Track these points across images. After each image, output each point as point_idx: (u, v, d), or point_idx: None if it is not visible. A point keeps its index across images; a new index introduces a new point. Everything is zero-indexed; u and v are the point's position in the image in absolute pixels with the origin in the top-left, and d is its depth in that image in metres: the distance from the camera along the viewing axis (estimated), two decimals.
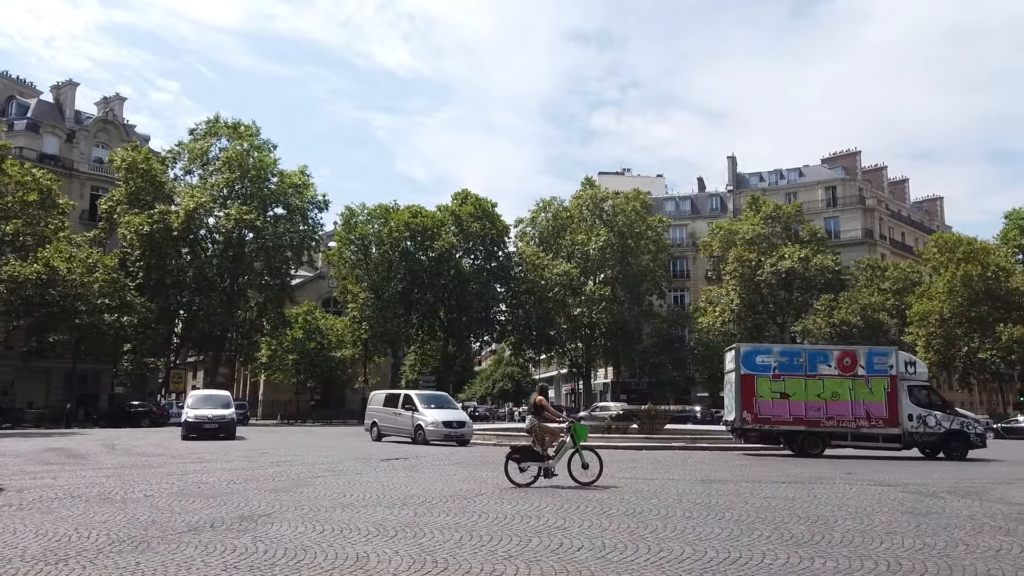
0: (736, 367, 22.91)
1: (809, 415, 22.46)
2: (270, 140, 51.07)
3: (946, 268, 48.63)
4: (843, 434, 22.56)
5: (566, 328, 58.23)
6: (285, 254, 49.33)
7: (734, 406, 22.98)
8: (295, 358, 56.60)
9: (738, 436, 23.30)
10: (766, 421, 22.54)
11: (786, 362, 22.91)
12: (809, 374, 22.69)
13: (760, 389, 22.65)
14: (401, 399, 26.72)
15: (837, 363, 22.70)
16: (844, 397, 22.42)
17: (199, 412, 27.55)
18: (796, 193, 69.64)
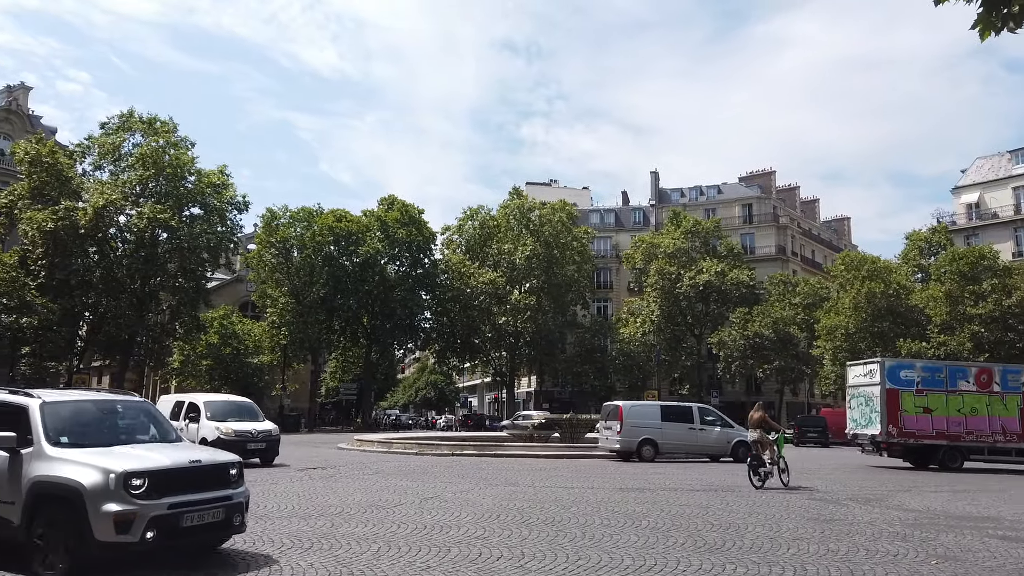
0: (881, 381, 23.08)
1: (950, 430, 23.00)
2: (188, 137, 49.03)
3: (852, 285, 51.11)
4: (980, 448, 23.24)
5: (491, 336, 58.29)
6: (201, 256, 47.47)
7: (878, 420, 22.98)
8: (209, 364, 54.55)
9: (881, 450, 23.46)
10: (911, 435, 22.85)
11: (928, 377, 23.42)
12: (950, 389, 23.28)
13: (904, 403, 22.96)
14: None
15: (975, 379, 23.53)
16: (982, 412, 23.15)
17: (239, 426, 19.43)
18: (715, 209, 71.99)
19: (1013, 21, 4.38)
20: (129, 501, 6.37)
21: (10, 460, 6.89)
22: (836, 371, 51.31)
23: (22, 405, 7.26)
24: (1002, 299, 44.45)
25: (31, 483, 6.62)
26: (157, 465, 6.80)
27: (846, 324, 49.64)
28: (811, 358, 53.79)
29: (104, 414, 7.94)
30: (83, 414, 7.67)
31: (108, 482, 6.37)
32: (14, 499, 6.73)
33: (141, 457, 6.99)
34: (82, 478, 6.40)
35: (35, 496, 6.60)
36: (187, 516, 6.69)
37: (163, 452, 7.35)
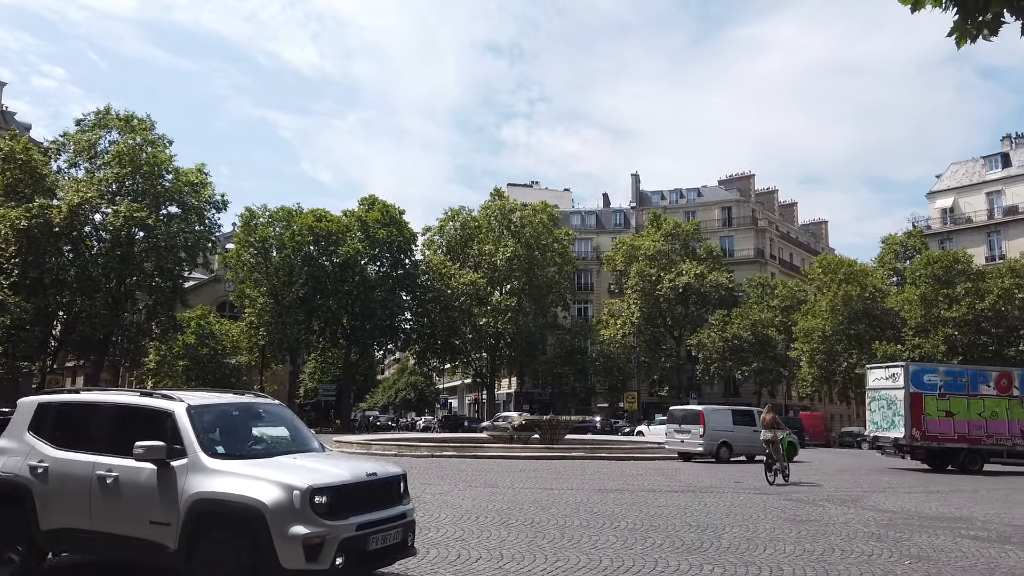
0: (905, 385, 23.38)
1: (971, 433, 23.39)
2: (166, 135, 48.41)
3: (829, 288, 51.72)
4: (1000, 451, 23.79)
5: (471, 338, 58.17)
6: (178, 255, 46.90)
7: (902, 423, 23.27)
8: (186, 364, 53.96)
9: (904, 453, 23.75)
10: (933, 439, 23.14)
11: (950, 381, 23.80)
12: (971, 394, 23.70)
13: (928, 407, 23.27)
14: None
15: (995, 383, 23.99)
16: (1002, 416, 23.63)
17: None
18: (695, 212, 72.43)
19: (988, 29, 4.44)
20: (317, 522, 5.45)
21: (159, 474, 5.88)
22: (813, 373, 51.90)
23: (166, 410, 6.27)
24: (975, 303, 45.18)
25: (192, 501, 5.63)
26: (338, 479, 5.85)
27: (823, 326, 50.20)
28: (789, 360, 54.33)
29: (250, 419, 7.06)
30: (230, 419, 6.80)
31: (292, 500, 5.43)
32: (168, 519, 5.73)
33: (317, 470, 6.00)
34: (261, 495, 5.46)
35: (198, 516, 5.63)
36: (373, 538, 5.84)
37: (333, 463, 6.46)
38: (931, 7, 4.48)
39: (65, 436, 6.59)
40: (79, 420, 6.74)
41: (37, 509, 6.33)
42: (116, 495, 6.04)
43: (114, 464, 6.11)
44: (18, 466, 6.52)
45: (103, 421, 6.53)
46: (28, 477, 6.42)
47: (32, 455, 6.53)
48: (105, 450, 6.24)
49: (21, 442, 6.71)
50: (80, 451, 6.38)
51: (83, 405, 6.90)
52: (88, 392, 7.16)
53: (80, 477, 6.21)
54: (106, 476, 6.07)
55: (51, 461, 6.41)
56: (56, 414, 6.81)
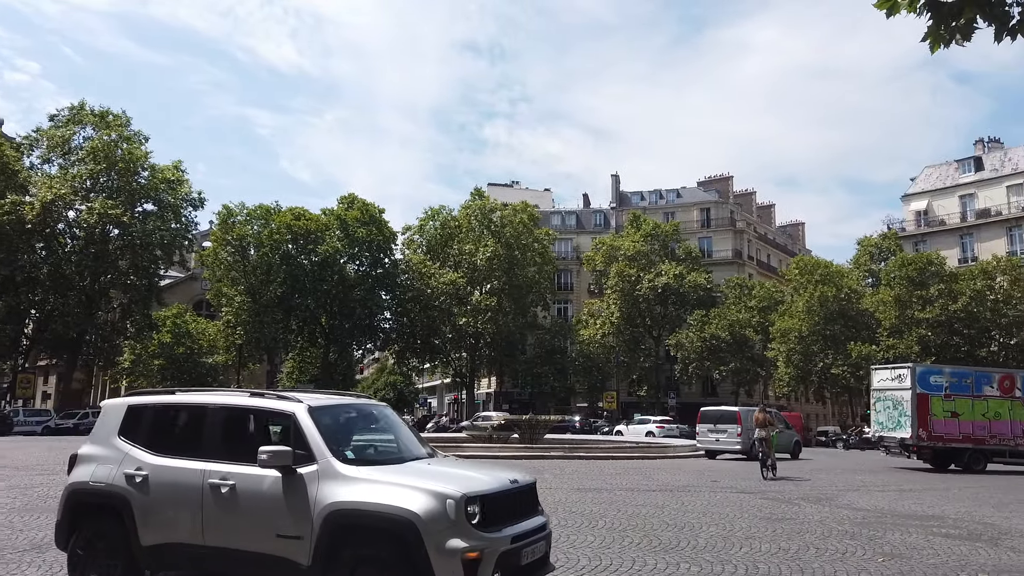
0: (911, 386, 23.80)
1: (976, 433, 23.89)
2: (141, 131, 47.96)
3: (805, 289, 52.30)
4: (1003, 451, 24.30)
5: (451, 337, 58.04)
6: (154, 253, 46.39)
7: (909, 424, 23.67)
8: (162, 363, 53.35)
9: (911, 453, 24.15)
10: (939, 439, 23.60)
11: (956, 383, 24.28)
12: (976, 395, 24.18)
13: (934, 408, 23.71)
14: None
15: (999, 385, 24.55)
16: (1004, 417, 24.18)
17: None
18: (674, 213, 72.86)
19: (961, 34, 4.50)
20: (474, 535, 4.95)
21: (285, 482, 5.30)
22: (790, 373, 52.41)
23: (285, 411, 5.70)
24: (948, 304, 45.89)
25: (328, 512, 5.07)
26: (487, 487, 5.32)
27: (799, 327, 50.72)
28: (766, 360, 54.83)
29: (362, 421, 6.46)
30: (348, 421, 6.22)
31: (447, 509, 4.92)
32: (299, 532, 5.15)
33: (462, 477, 5.51)
34: (411, 504, 4.92)
35: (335, 529, 5.06)
36: (525, 551, 5.32)
37: (471, 469, 6.04)
38: (906, 12, 4.53)
39: (164, 441, 6.00)
40: (180, 423, 6.21)
41: (136, 522, 5.69)
42: (234, 506, 5.43)
43: (229, 471, 5.49)
44: (111, 475, 5.89)
45: (211, 424, 5.90)
46: (124, 487, 5.79)
47: (126, 462, 5.90)
48: (214, 456, 5.66)
49: (111, 448, 6.07)
50: (185, 457, 5.76)
51: (184, 408, 6.31)
52: (184, 393, 6.55)
53: (188, 486, 5.59)
54: (220, 485, 5.45)
55: (150, 469, 5.78)
56: (152, 417, 6.22)
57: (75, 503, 6.02)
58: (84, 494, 6.01)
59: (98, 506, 5.94)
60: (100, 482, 5.92)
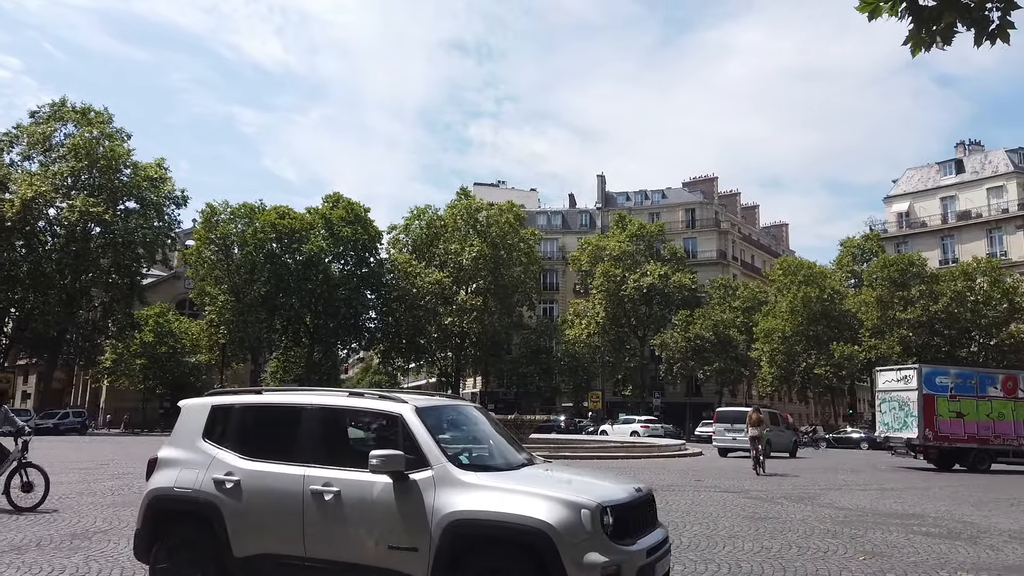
0: (918, 387, 24.17)
1: (980, 433, 24.34)
2: (124, 128, 47.57)
3: (788, 289, 52.74)
4: (1006, 451, 24.71)
5: (436, 337, 57.99)
6: (136, 251, 46.00)
7: (915, 424, 24.04)
8: (144, 363, 52.88)
9: (917, 453, 24.57)
10: (945, 439, 24.02)
11: (961, 383, 24.69)
12: (980, 395, 24.64)
13: (939, 409, 24.12)
14: None
15: (1002, 386, 25.06)
16: (1008, 417, 24.65)
17: None
18: (659, 213, 73.21)
19: (941, 38, 4.54)
20: (611, 548, 4.59)
21: (398, 489, 4.91)
22: (773, 372, 52.81)
23: (391, 412, 5.31)
24: (929, 305, 46.40)
25: (448, 521, 4.69)
26: (617, 496, 4.95)
27: (783, 327, 51.09)
28: (749, 360, 55.21)
29: (464, 423, 6.03)
30: (451, 424, 5.81)
31: (582, 520, 4.55)
32: (415, 544, 4.78)
33: (588, 485, 5.15)
34: (543, 514, 4.54)
35: (458, 540, 4.67)
36: (658, 565, 4.98)
37: (593, 476, 5.66)
38: (887, 15, 4.56)
39: (255, 444, 5.58)
40: (273, 425, 5.76)
41: (228, 532, 5.28)
42: (339, 515, 5.03)
43: (332, 477, 5.10)
44: (198, 480, 5.48)
45: (307, 426, 5.46)
46: (213, 493, 5.38)
47: (214, 467, 5.49)
48: (313, 460, 5.26)
49: (196, 451, 5.67)
50: (279, 462, 5.35)
51: (277, 408, 5.88)
52: (273, 392, 6.15)
53: (286, 493, 5.18)
54: (323, 492, 5.06)
55: (243, 474, 5.37)
56: (239, 418, 5.82)
57: (158, 510, 5.60)
58: (168, 501, 5.58)
59: (184, 513, 5.54)
60: (186, 488, 5.51)
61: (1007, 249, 56.11)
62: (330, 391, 5.94)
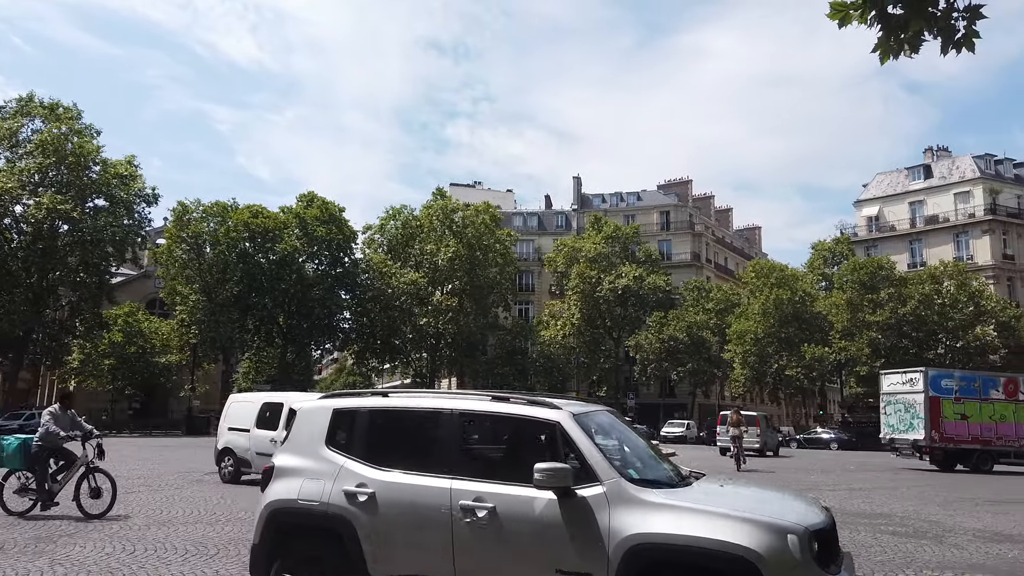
0: (924, 389, 24.87)
1: (984, 435, 25.02)
2: (93, 125, 46.68)
3: (761, 292, 53.34)
4: (1007, 452, 25.50)
5: (411, 337, 57.77)
6: (105, 249, 45.20)
7: (921, 426, 24.75)
8: (112, 363, 51.93)
9: (923, 454, 25.17)
10: (950, 440, 24.73)
11: (965, 386, 25.44)
12: (983, 398, 25.35)
13: (945, 411, 24.79)
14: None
15: (1003, 388, 25.83)
16: (1009, 419, 25.40)
17: None
18: (634, 215, 73.67)
19: (909, 46, 4.63)
20: None
21: (564, 506, 4.44)
22: (745, 374, 53.35)
23: (547, 420, 4.82)
24: (898, 307, 47.20)
25: (631, 545, 4.21)
26: (818, 519, 4.49)
27: (755, 329, 51.63)
28: (722, 361, 55.72)
29: (615, 430, 5.48)
30: (604, 431, 5.22)
31: (790, 547, 4.06)
32: (590, 568, 4.32)
33: (782, 505, 4.70)
34: (745, 539, 4.05)
35: (645, 566, 4.21)
36: None
37: (771, 492, 5.13)
38: (857, 23, 4.64)
39: (387, 452, 5.13)
40: (406, 431, 5.36)
41: (364, 550, 4.82)
42: (495, 533, 4.58)
43: (484, 491, 4.66)
44: (325, 491, 5.03)
45: (448, 434, 5.00)
46: (344, 506, 4.94)
47: (344, 477, 5.04)
48: (456, 472, 4.81)
49: (320, 460, 5.21)
50: (418, 472, 4.91)
51: (411, 413, 5.38)
52: (400, 395, 5.61)
53: (431, 508, 4.74)
54: (475, 508, 4.61)
55: (377, 485, 4.92)
56: (366, 423, 5.33)
57: (279, 524, 5.13)
58: (292, 514, 5.11)
59: (311, 528, 5.08)
60: (311, 500, 5.04)
61: (973, 253, 57.35)
62: (468, 395, 5.48)
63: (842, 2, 4.59)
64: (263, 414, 15.40)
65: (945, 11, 4.54)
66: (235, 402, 17.32)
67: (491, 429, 5.35)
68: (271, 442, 14.02)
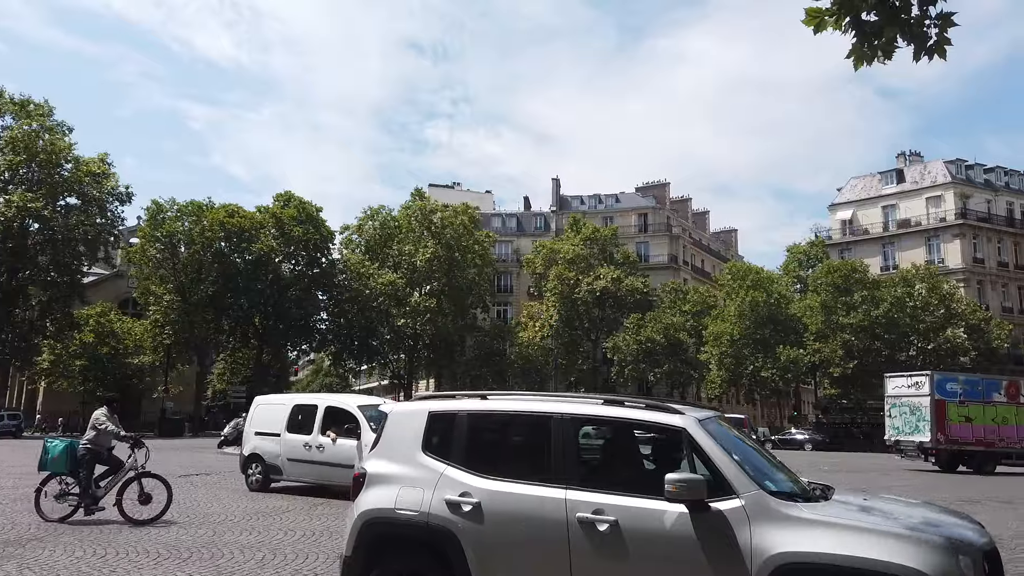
0: (930, 392, 25.40)
1: (987, 437, 25.66)
2: (65, 122, 46.01)
3: (737, 294, 53.84)
4: (1009, 453, 26.15)
5: (389, 339, 57.50)
6: (77, 248, 44.57)
7: (927, 428, 25.27)
8: (83, 363, 51.13)
9: (929, 455, 25.61)
10: (955, 442, 25.29)
11: (969, 389, 26.07)
12: (986, 400, 25.98)
13: (950, 413, 25.35)
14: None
15: (1005, 391, 26.57)
16: (1011, 421, 26.10)
17: None
18: (613, 217, 73.98)
19: (883, 52, 4.70)
20: None
21: (697, 521, 4.10)
22: (721, 375, 53.81)
23: (671, 425, 4.48)
24: (871, 310, 47.88)
25: (779, 564, 3.90)
26: (983, 538, 4.17)
27: (731, 331, 52.10)
28: (699, 363, 56.14)
29: (739, 438, 5.02)
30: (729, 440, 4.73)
31: (962, 568, 3.75)
32: None
33: (945, 522, 4.29)
34: (913, 560, 3.69)
35: None
36: None
37: (926, 511, 4.59)
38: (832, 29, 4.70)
39: (490, 459, 4.86)
40: (512, 437, 5.08)
41: (470, 565, 4.52)
42: (620, 549, 4.23)
43: (605, 503, 4.31)
44: (425, 501, 4.74)
45: (559, 440, 4.64)
46: (447, 517, 4.64)
47: (445, 485, 4.75)
48: (571, 481, 4.49)
49: (417, 467, 4.92)
50: (526, 481, 4.59)
51: (516, 418, 5.04)
52: (499, 398, 5.25)
53: (545, 521, 4.40)
54: (595, 521, 4.27)
55: (483, 495, 4.62)
56: (466, 428, 5.00)
57: (375, 536, 4.84)
58: (389, 525, 4.82)
59: (410, 540, 4.78)
60: (410, 510, 4.75)
61: (944, 256, 58.34)
62: (576, 398, 5.10)
63: (817, 8, 4.65)
64: (295, 417, 14.52)
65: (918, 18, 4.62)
66: (262, 404, 15.97)
67: (607, 435, 5.05)
68: (305, 447, 13.69)
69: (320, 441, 13.57)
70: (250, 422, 15.57)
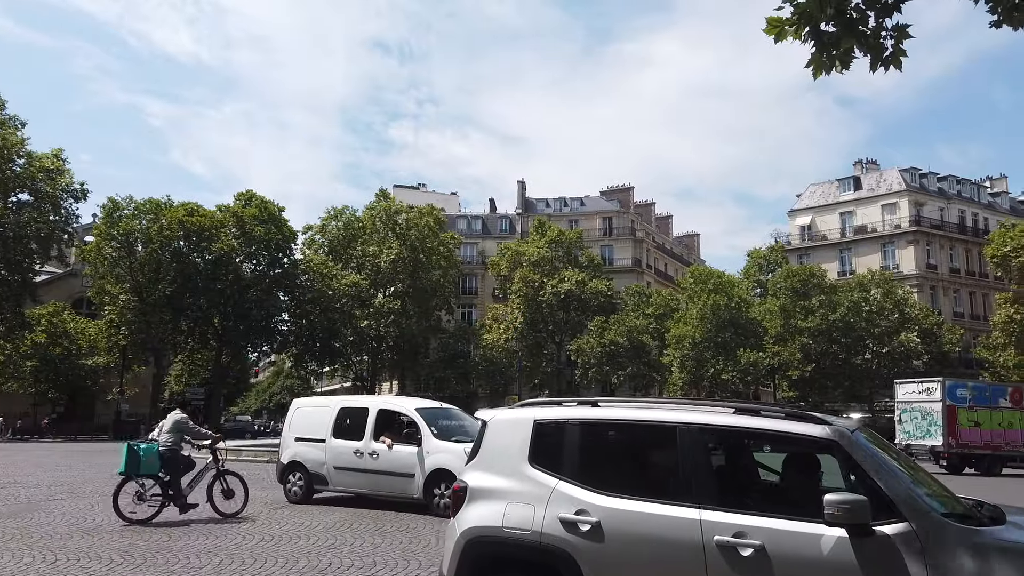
0: (942, 398, 26.45)
1: (994, 441, 26.82)
2: (18, 116, 44.69)
3: (699, 297, 54.50)
4: (1013, 457, 27.19)
5: (352, 340, 56.97)
6: (29, 246, 43.37)
7: (939, 433, 26.32)
8: (34, 364, 49.70)
9: (939, 459, 26.38)
10: (965, 446, 26.37)
11: (977, 395, 27.27)
12: (993, 406, 27.16)
13: (960, 418, 26.41)
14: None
15: (1010, 397, 27.78)
16: (1016, 426, 27.26)
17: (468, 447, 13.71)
18: (578, 221, 74.40)
19: (840, 62, 4.82)
20: None
21: (859, 547, 3.63)
22: (683, 378, 54.41)
23: (822, 439, 3.96)
24: (828, 314, 48.88)
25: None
26: None
27: (693, 334, 52.73)
28: (661, 365, 56.70)
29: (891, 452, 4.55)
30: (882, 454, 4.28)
31: None
32: None
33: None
34: None
35: None
36: None
37: None
38: (792, 39, 4.79)
39: (607, 473, 4.45)
40: (632, 449, 4.70)
41: None
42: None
43: (747, 525, 3.88)
44: (536, 519, 4.35)
45: (687, 453, 4.20)
46: (563, 536, 4.24)
47: (558, 502, 4.35)
48: (704, 500, 4.05)
49: (524, 481, 4.53)
50: (652, 499, 4.18)
51: (637, 428, 4.58)
52: (613, 405, 4.79)
53: (678, 544, 3.99)
54: (736, 545, 3.85)
55: (601, 513, 4.21)
56: (578, 439, 4.55)
57: (480, 556, 4.47)
58: (497, 544, 4.45)
59: (521, 562, 4.39)
60: (521, 529, 4.37)
61: (899, 262, 59.89)
62: (702, 405, 4.64)
63: (778, 18, 4.74)
64: (341, 422, 13.37)
65: (875, 30, 4.74)
66: (302, 407, 14.56)
67: (742, 447, 4.63)
68: (356, 454, 12.73)
69: (374, 447, 12.56)
70: (288, 427, 14.32)
